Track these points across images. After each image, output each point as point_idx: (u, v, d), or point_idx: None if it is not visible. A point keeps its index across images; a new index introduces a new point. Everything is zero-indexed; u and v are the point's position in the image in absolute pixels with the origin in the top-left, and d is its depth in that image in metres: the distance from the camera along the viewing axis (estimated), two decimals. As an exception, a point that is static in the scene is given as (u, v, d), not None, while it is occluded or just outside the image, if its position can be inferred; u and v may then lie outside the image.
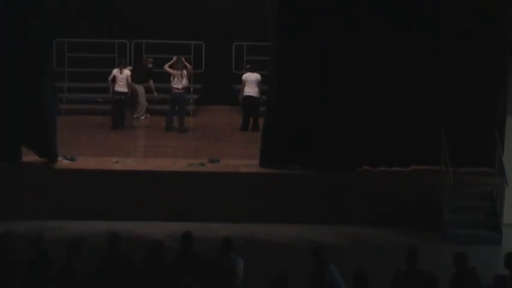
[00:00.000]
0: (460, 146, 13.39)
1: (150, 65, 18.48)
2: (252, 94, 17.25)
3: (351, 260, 10.33)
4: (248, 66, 17.77)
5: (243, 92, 17.39)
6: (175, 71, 17.11)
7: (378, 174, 13.72)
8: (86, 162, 14.00)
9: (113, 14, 19.86)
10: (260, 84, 17.28)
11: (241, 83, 17.60)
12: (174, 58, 17.52)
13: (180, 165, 13.96)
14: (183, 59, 17.44)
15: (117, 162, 14.02)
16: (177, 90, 17.08)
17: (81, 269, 8.49)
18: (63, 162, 13.87)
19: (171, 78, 17.18)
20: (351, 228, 13.11)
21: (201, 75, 19.62)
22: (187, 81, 17.23)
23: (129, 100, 17.66)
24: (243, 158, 14.77)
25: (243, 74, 17.67)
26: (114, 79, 17.24)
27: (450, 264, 8.80)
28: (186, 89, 17.25)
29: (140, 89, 18.32)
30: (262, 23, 19.83)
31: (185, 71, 17.15)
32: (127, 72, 17.31)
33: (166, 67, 17.53)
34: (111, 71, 17.51)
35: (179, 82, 17.03)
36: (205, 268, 8.81)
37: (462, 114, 13.59)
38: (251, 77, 17.32)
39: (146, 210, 13.27)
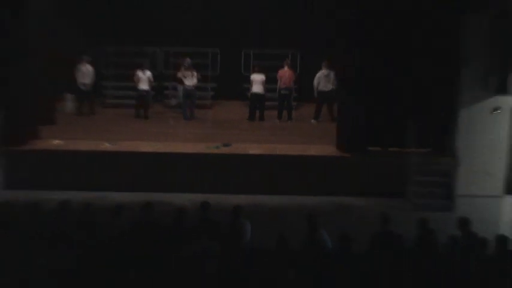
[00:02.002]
0: (425, 133, 13.36)
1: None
2: (258, 91, 17.20)
3: (337, 224, 10.32)
4: (256, 68, 17.72)
5: (251, 90, 17.37)
6: (187, 72, 17.07)
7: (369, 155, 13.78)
8: (125, 146, 14.04)
9: (147, 26, 19.80)
10: (265, 83, 17.25)
11: (249, 82, 17.57)
12: (185, 64, 17.30)
13: (200, 147, 14.00)
14: (189, 62, 17.29)
15: (150, 145, 14.04)
16: (189, 88, 17.08)
17: (120, 229, 8.54)
18: (106, 145, 13.92)
19: (184, 79, 17.15)
20: (338, 199, 13.17)
21: (216, 77, 19.55)
22: (196, 80, 17.19)
23: (151, 95, 17.43)
24: (250, 142, 14.80)
25: (251, 75, 17.62)
26: (138, 79, 17.19)
27: (415, 227, 8.86)
28: (196, 87, 17.22)
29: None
30: (266, 34, 19.92)
31: (195, 72, 17.12)
32: (148, 73, 17.20)
33: (179, 75, 17.38)
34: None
35: (191, 81, 17.04)
36: (219, 230, 8.88)
37: (429, 108, 13.56)
38: (258, 77, 17.27)
39: (172, 184, 13.33)
